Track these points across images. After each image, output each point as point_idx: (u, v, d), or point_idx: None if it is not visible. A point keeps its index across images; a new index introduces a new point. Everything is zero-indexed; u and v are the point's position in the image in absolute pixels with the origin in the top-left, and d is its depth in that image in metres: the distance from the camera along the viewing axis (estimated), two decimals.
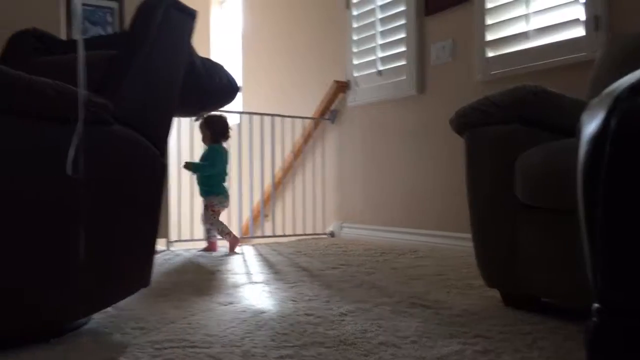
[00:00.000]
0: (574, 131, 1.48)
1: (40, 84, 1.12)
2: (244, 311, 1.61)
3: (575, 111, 1.58)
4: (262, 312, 1.59)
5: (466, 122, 1.68)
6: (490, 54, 2.96)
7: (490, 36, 2.95)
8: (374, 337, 1.32)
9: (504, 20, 2.90)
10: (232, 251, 3.10)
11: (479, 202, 1.69)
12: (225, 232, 3.13)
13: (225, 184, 3.23)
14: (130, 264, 1.40)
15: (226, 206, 3.23)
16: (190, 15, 1.53)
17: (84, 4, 3.11)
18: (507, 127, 1.58)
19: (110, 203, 1.32)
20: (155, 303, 1.71)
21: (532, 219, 1.52)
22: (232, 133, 3.72)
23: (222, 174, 3.20)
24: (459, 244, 3.06)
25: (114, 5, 3.21)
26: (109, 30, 3.17)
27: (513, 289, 1.62)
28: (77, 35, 1.17)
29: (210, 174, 3.16)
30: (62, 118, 1.17)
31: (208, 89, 1.71)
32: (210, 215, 3.12)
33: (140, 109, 1.40)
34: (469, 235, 1.75)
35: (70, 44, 1.69)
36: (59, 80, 1.21)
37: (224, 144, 3.28)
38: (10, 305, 1.14)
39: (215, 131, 3.19)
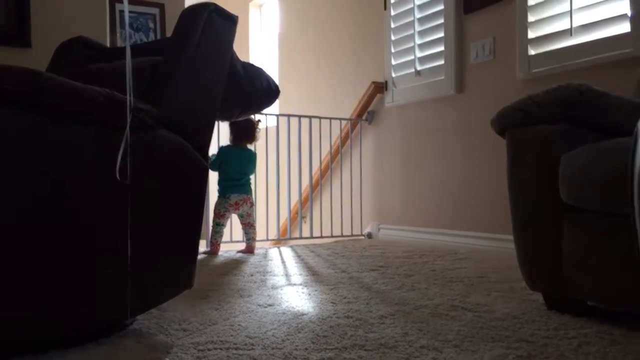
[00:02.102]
0: (621, 130, 1.44)
1: (90, 91, 1.16)
2: (284, 313, 1.62)
3: (622, 110, 1.55)
4: (302, 314, 1.61)
5: (508, 122, 1.65)
6: (532, 51, 2.90)
7: (532, 34, 2.90)
8: (415, 341, 1.31)
9: (546, 17, 2.84)
10: (207, 253, 3.06)
11: (522, 204, 1.66)
12: (213, 241, 3.09)
13: (246, 186, 3.16)
14: (174, 266, 1.43)
15: (231, 211, 3.14)
16: (231, 21, 1.56)
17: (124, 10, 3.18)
18: (550, 127, 1.54)
19: (155, 206, 1.35)
20: (196, 304, 1.74)
21: (577, 221, 1.49)
22: (270, 135, 3.75)
23: (233, 177, 3.10)
24: (499, 245, 3.01)
25: (155, 11, 3.28)
26: (151, 35, 3.24)
27: (557, 292, 1.59)
28: (125, 43, 1.20)
29: (222, 177, 3.11)
30: (110, 124, 1.20)
31: (248, 92, 1.73)
32: (214, 218, 3.09)
33: (184, 114, 1.43)
34: (509, 237, 1.72)
35: (116, 51, 1.74)
36: (106, 87, 1.25)
37: (251, 146, 3.23)
38: (62, 307, 1.18)
39: (236, 133, 3.14)
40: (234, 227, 3.57)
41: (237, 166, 3.13)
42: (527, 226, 1.65)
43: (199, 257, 2.95)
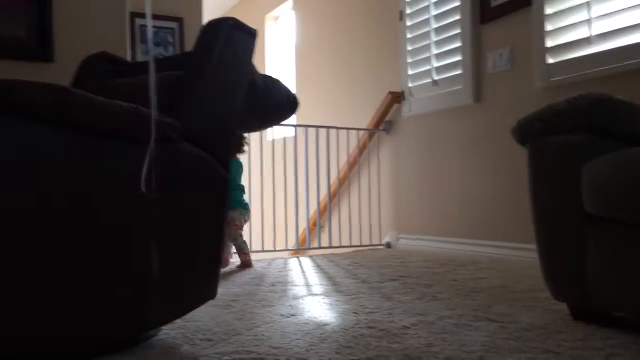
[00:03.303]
0: None
1: (115, 106, 1.18)
2: (307, 323, 1.62)
3: None
4: (325, 324, 1.61)
5: (529, 132, 1.65)
6: (551, 60, 2.89)
7: (550, 42, 2.89)
8: (440, 352, 1.31)
9: (564, 26, 2.83)
10: (241, 268, 3.01)
11: (544, 214, 1.65)
12: (243, 252, 3.07)
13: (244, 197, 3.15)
14: (198, 276, 1.45)
15: (246, 220, 3.14)
16: (251, 35, 1.58)
17: (145, 25, 3.24)
18: (572, 136, 1.54)
19: (178, 218, 1.37)
20: (219, 314, 1.75)
21: (601, 231, 1.47)
22: (288, 145, 3.77)
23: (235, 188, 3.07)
24: (520, 254, 2.98)
25: (174, 25, 3.33)
26: (170, 49, 3.29)
27: (582, 303, 1.57)
28: (149, 58, 1.22)
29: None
30: (135, 138, 1.22)
31: (268, 105, 1.74)
32: (234, 231, 3.07)
33: (205, 127, 1.45)
34: (530, 246, 1.71)
35: (138, 66, 1.76)
36: (130, 101, 1.27)
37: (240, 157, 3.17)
38: (91, 318, 1.19)
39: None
40: (253, 236, 3.58)
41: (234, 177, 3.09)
42: (550, 236, 1.64)
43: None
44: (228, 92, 1.51)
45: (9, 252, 1.05)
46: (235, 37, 1.51)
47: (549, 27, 2.89)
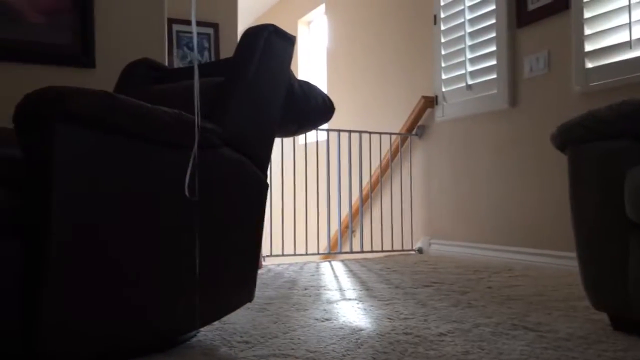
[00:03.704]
0: None
1: (159, 112, 1.21)
2: (342, 328, 1.63)
3: None
4: (360, 329, 1.61)
5: (570, 138, 1.62)
6: (590, 64, 2.84)
7: (589, 46, 2.84)
8: None
9: (604, 30, 2.78)
10: None
11: (585, 221, 1.62)
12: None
13: None
14: (237, 279, 1.47)
15: None
16: (289, 41, 1.60)
17: (184, 32, 3.30)
18: (614, 143, 1.51)
19: (218, 222, 1.39)
20: (255, 317, 1.77)
21: None
22: (321, 149, 3.79)
23: None
24: (555, 262, 2.94)
25: (210, 31, 3.39)
26: (206, 55, 3.34)
27: (624, 313, 1.54)
28: (194, 64, 1.25)
29: None
30: (178, 143, 1.25)
31: (305, 110, 1.76)
32: None
33: (245, 132, 1.47)
34: (566, 254, 1.68)
35: (178, 72, 1.80)
36: (173, 107, 1.30)
37: None
38: (135, 320, 1.22)
39: None
40: (286, 240, 3.61)
41: None
42: (591, 244, 1.61)
43: None
44: (268, 97, 1.53)
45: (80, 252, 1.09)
46: (275, 44, 1.53)
47: (588, 31, 2.85)
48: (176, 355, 1.32)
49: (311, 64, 6.29)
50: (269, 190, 3.54)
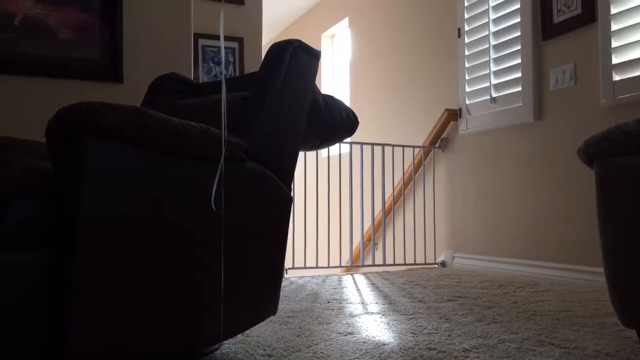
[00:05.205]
0: None
1: (187, 126, 1.23)
2: (365, 342, 1.62)
3: None
4: (383, 344, 1.60)
5: (597, 152, 1.60)
6: (617, 77, 2.80)
7: (616, 59, 2.81)
8: None
9: (631, 42, 2.74)
10: None
11: (613, 237, 1.59)
12: None
13: None
14: (261, 293, 1.48)
15: None
16: (314, 56, 1.61)
17: (209, 46, 3.35)
18: None
19: (243, 235, 1.40)
20: (278, 330, 1.78)
21: None
22: (344, 162, 3.79)
23: None
24: (582, 277, 2.88)
25: (235, 45, 3.43)
26: (231, 69, 3.38)
27: None
28: (221, 80, 1.27)
29: None
30: (205, 156, 1.27)
31: (329, 124, 1.77)
32: None
33: (269, 146, 1.49)
34: (593, 269, 1.66)
35: (205, 87, 1.83)
36: (200, 121, 1.32)
37: None
38: (158, 333, 1.24)
39: None
40: (308, 252, 3.61)
41: None
42: (620, 260, 1.58)
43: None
44: (292, 112, 1.54)
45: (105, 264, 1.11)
46: (300, 59, 1.55)
47: (615, 43, 2.82)
48: None
49: (335, 77, 6.33)
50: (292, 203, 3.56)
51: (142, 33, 2.77)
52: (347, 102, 5.56)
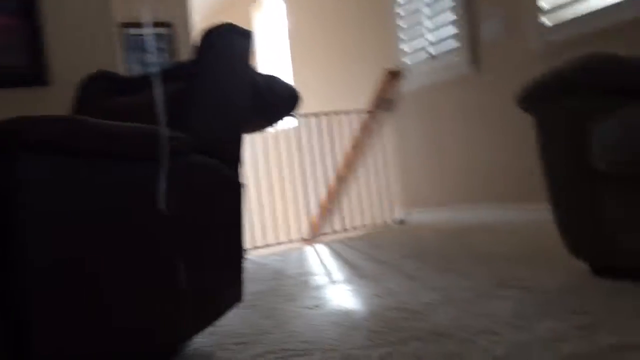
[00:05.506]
0: None
1: (121, 128, 1.19)
2: (334, 313, 1.65)
3: None
4: (351, 312, 1.63)
5: (535, 99, 1.65)
6: (546, 21, 2.88)
7: (544, 3, 2.88)
8: (469, 325, 1.33)
9: None
10: None
11: (556, 177, 1.66)
12: None
13: None
14: (223, 283, 1.47)
15: None
16: (247, 37, 1.58)
17: (138, 35, 3.24)
18: (579, 99, 1.54)
19: (198, 228, 1.39)
20: (247, 315, 1.78)
21: (614, 188, 1.49)
22: (292, 135, 3.78)
23: None
24: (533, 216, 3.00)
25: (164, 31, 3.33)
26: (164, 56, 3.29)
27: (602, 260, 1.59)
28: (154, 75, 1.24)
29: None
30: (145, 157, 1.24)
31: (272, 104, 1.75)
32: None
33: (214, 135, 1.46)
34: (542, 205, 1.72)
35: (138, 81, 1.77)
36: (137, 119, 1.29)
37: None
38: (123, 336, 1.22)
39: None
40: (268, 231, 3.61)
41: None
42: (563, 197, 1.65)
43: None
44: (232, 97, 1.52)
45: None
46: (233, 42, 1.52)
47: None
48: None
49: (273, 51, 6.24)
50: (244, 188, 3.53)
51: (64, 31, 2.65)
52: (289, 73, 5.51)
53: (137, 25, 3.29)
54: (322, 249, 3.24)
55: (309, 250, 3.32)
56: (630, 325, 1.19)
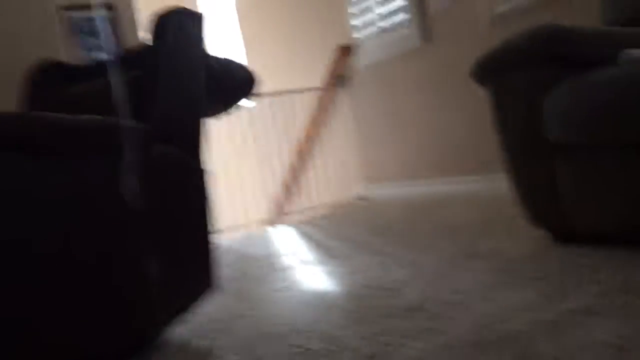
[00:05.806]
0: (601, 62, 1.48)
1: (77, 121, 1.16)
2: (306, 294, 1.66)
3: (597, 41, 1.58)
4: (324, 292, 1.65)
5: (488, 71, 1.68)
6: None
7: None
8: (438, 298, 1.37)
9: None
10: None
11: (512, 148, 1.70)
12: None
13: None
14: (195, 271, 1.46)
15: None
16: (200, 20, 1.55)
17: (82, 18, 3.11)
18: (531, 70, 1.58)
19: (163, 217, 1.37)
20: (219, 300, 1.77)
21: (567, 156, 1.54)
22: (249, 116, 3.74)
23: None
24: (492, 185, 3.08)
25: (106, 13, 3.20)
26: (108, 39, 3.17)
27: (560, 227, 1.65)
28: (109, 62, 1.20)
29: None
30: (104, 149, 1.21)
31: (228, 87, 1.73)
32: None
33: (173, 124, 1.43)
34: (499, 175, 1.76)
35: (92, 69, 1.71)
36: (93, 110, 1.25)
37: None
38: (107, 323, 1.20)
39: None
40: (235, 213, 3.59)
41: None
42: (521, 170, 1.70)
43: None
44: (189, 83, 1.49)
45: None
46: (186, 26, 1.48)
47: None
48: (154, 355, 1.32)
49: (222, 32, 6.10)
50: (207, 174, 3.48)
51: (2, 23, 2.53)
52: (241, 53, 5.42)
53: (79, 8, 3.15)
54: (287, 230, 3.25)
55: (273, 231, 3.31)
56: (589, 291, 1.24)
